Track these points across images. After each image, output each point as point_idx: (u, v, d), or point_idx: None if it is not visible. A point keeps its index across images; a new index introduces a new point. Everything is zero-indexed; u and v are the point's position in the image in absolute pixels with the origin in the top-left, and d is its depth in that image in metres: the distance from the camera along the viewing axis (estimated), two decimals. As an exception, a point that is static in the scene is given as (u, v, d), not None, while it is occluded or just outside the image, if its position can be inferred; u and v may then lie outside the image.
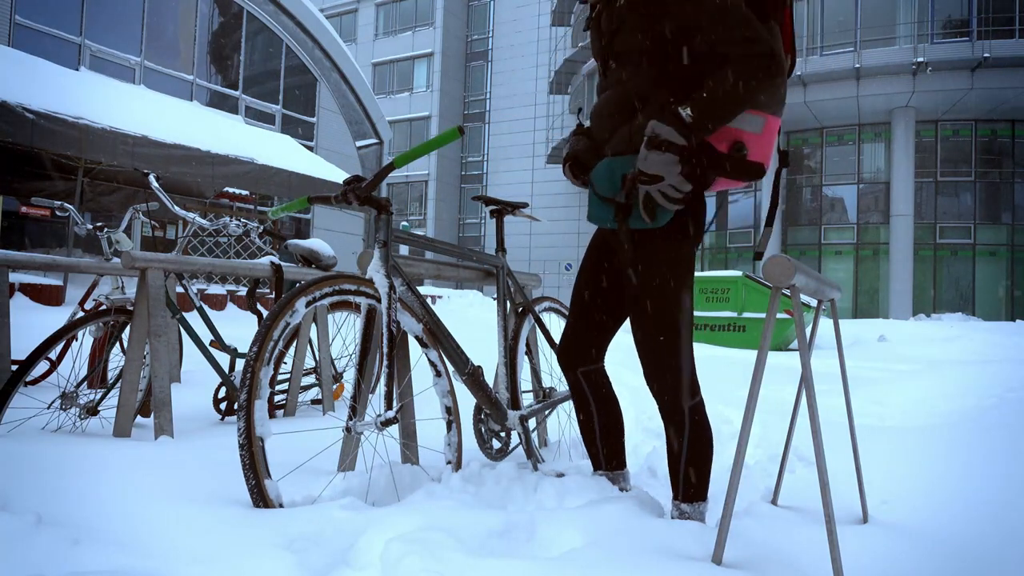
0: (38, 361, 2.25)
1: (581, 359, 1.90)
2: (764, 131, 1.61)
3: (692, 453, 1.69)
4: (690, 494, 1.71)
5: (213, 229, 3.22)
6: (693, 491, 1.71)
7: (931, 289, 21.14)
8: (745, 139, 1.59)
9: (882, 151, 21.83)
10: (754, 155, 1.60)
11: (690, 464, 1.70)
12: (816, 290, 1.59)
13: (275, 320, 1.55)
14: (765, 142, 1.62)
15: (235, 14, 13.52)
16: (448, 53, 34.60)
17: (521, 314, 2.38)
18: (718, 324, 10.00)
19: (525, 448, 2.28)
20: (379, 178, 1.75)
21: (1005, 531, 1.72)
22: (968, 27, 19.40)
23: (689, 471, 1.70)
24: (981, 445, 2.64)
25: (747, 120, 1.59)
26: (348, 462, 1.95)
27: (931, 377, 4.76)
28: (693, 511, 1.70)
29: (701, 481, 1.72)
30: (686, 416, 1.68)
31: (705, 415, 1.73)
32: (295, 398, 3.17)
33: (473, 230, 35.45)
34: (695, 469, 1.70)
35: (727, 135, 1.59)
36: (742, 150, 1.58)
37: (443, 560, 1.21)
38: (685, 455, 1.70)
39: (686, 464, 1.70)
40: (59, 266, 3.11)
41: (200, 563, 1.20)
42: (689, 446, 1.69)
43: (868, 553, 1.58)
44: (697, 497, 1.72)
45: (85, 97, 7.93)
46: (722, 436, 2.89)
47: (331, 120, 15.79)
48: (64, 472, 1.67)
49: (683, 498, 1.71)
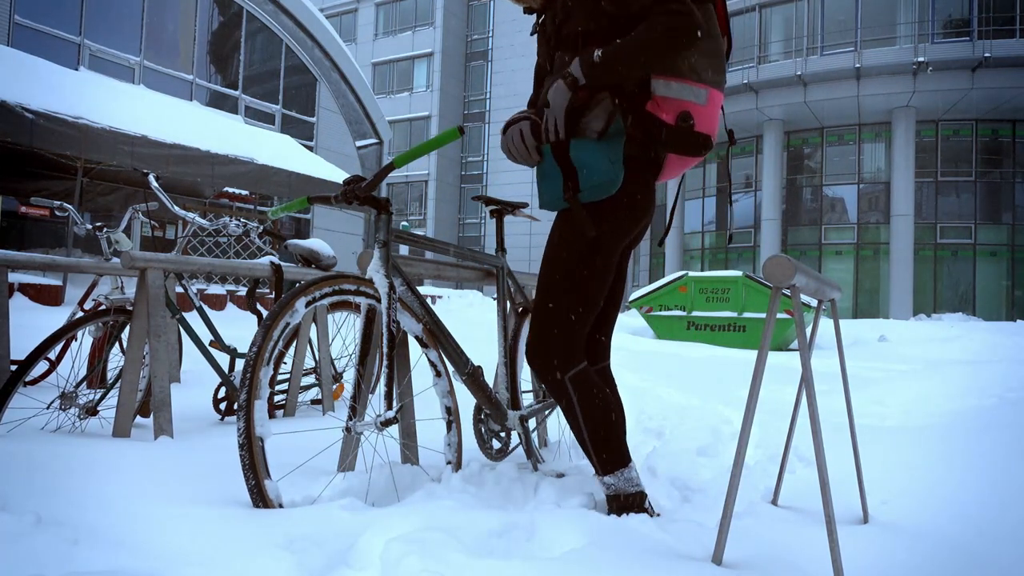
0: (37, 361, 2.25)
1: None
2: (709, 103, 1.66)
3: (588, 421, 1.67)
4: (607, 464, 1.68)
5: (213, 229, 3.22)
6: (607, 460, 1.68)
7: (931, 289, 21.15)
8: (690, 109, 1.63)
9: (882, 151, 21.83)
10: (701, 126, 1.64)
11: (592, 433, 1.67)
12: (816, 290, 1.59)
13: (275, 320, 1.55)
14: (710, 114, 1.66)
15: (235, 14, 13.52)
16: (448, 53, 34.60)
17: (521, 314, 2.38)
18: (718, 324, 10.01)
19: (525, 448, 2.28)
20: (379, 178, 1.75)
21: (1005, 531, 1.72)
22: (968, 27, 19.42)
23: (594, 440, 1.67)
24: (981, 445, 2.64)
25: (691, 91, 1.63)
26: (348, 462, 1.95)
27: (931, 377, 4.75)
28: (618, 480, 1.67)
29: (612, 447, 1.68)
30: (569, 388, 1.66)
31: (591, 379, 1.70)
32: (295, 398, 3.17)
33: (473, 230, 35.46)
34: (598, 436, 1.67)
35: (673, 106, 1.63)
36: (689, 120, 1.62)
37: (443, 560, 1.21)
38: (583, 426, 1.67)
39: (589, 435, 1.67)
40: (59, 266, 3.11)
41: (200, 563, 1.20)
42: (583, 415, 1.67)
43: (868, 553, 1.57)
44: (616, 465, 1.68)
45: (85, 97, 7.93)
46: (722, 436, 2.89)
47: (331, 120, 15.79)
48: (64, 472, 1.67)
49: (603, 471, 1.69)
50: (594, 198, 1.64)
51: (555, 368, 1.66)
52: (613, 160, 1.63)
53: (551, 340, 1.67)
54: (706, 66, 1.65)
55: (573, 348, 1.68)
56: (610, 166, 1.63)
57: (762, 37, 22.30)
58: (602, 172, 1.62)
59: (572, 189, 1.62)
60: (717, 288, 10.18)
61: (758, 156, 23.27)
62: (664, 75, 1.63)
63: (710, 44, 1.66)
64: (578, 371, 1.67)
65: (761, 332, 2.04)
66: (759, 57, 21.98)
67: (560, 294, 1.68)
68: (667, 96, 1.63)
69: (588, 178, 1.62)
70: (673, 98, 1.63)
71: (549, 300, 1.68)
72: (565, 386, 1.66)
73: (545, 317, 1.68)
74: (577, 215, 1.64)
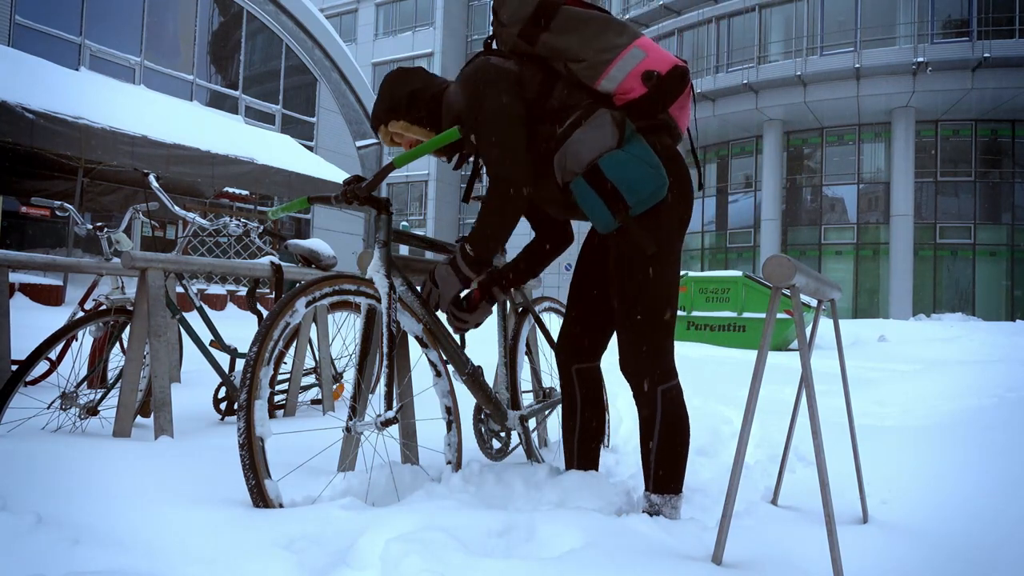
0: (38, 361, 2.25)
1: (577, 355, 1.92)
2: (648, 50, 1.69)
3: (664, 437, 1.67)
4: (662, 483, 1.68)
5: (213, 229, 3.22)
6: (664, 479, 1.68)
7: (931, 289, 21.14)
8: (645, 67, 1.67)
9: (882, 151, 21.83)
10: (660, 67, 1.68)
11: (662, 450, 1.67)
12: (816, 290, 1.59)
13: (275, 320, 1.55)
14: (657, 57, 1.69)
15: (235, 14, 13.52)
16: (448, 53, 34.59)
17: (521, 314, 2.38)
18: (718, 324, 10.00)
19: (525, 448, 2.28)
20: (379, 178, 1.75)
21: (1005, 531, 1.72)
22: (968, 27, 19.40)
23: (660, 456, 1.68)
24: (981, 445, 2.64)
25: (632, 55, 1.67)
26: (348, 462, 1.95)
27: (931, 377, 4.76)
28: (664, 504, 1.67)
29: (674, 470, 1.68)
30: (658, 400, 1.67)
31: (681, 399, 1.71)
32: (295, 398, 3.17)
33: (473, 230, 35.42)
34: (665, 454, 1.68)
35: (632, 78, 1.66)
36: (652, 76, 1.67)
37: (443, 560, 1.21)
38: (656, 439, 1.67)
39: (658, 450, 1.68)
40: (59, 266, 3.11)
41: (200, 563, 1.20)
42: (661, 430, 1.67)
43: (868, 553, 1.57)
44: (670, 488, 1.68)
45: (85, 97, 7.93)
46: (722, 436, 2.89)
47: (331, 120, 15.79)
48: (64, 472, 1.67)
49: (655, 489, 1.69)
50: (647, 208, 1.65)
51: (652, 381, 1.67)
52: (653, 164, 1.63)
53: (645, 354, 1.68)
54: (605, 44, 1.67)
55: (669, 361, 1.70)
56: (653, 171, 1.63)
57: (762, 37, 22.28)
58: (649, 180, 1.62)
59: (623, 210, 1.62)
60: (717, 288, 10.17)
61: (758, 156, 23.26)
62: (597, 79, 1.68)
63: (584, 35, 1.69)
64: (671, 386, 1.69)
65: (761, 332, 2.04)
66: (759, 57, 21.97)
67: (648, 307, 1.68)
68: (620, 81, 1.67)
69: (636, 192, 1.61)
70: (624, 78, 1.67)
71: (637, 313, 1.68)
72: (656, 398, 1.67)
73: (638, 330, 1.68)
74: (634, 235, 1.64)
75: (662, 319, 1.68)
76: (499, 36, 1.82)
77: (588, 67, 1.68)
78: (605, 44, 1.67)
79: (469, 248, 1.78)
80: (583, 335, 1.93)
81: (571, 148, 1.64)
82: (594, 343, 1.94)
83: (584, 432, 1.95)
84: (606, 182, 1.60)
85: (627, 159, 1.62)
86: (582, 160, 1.62)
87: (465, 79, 1.77)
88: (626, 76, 1.67)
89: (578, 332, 1.94)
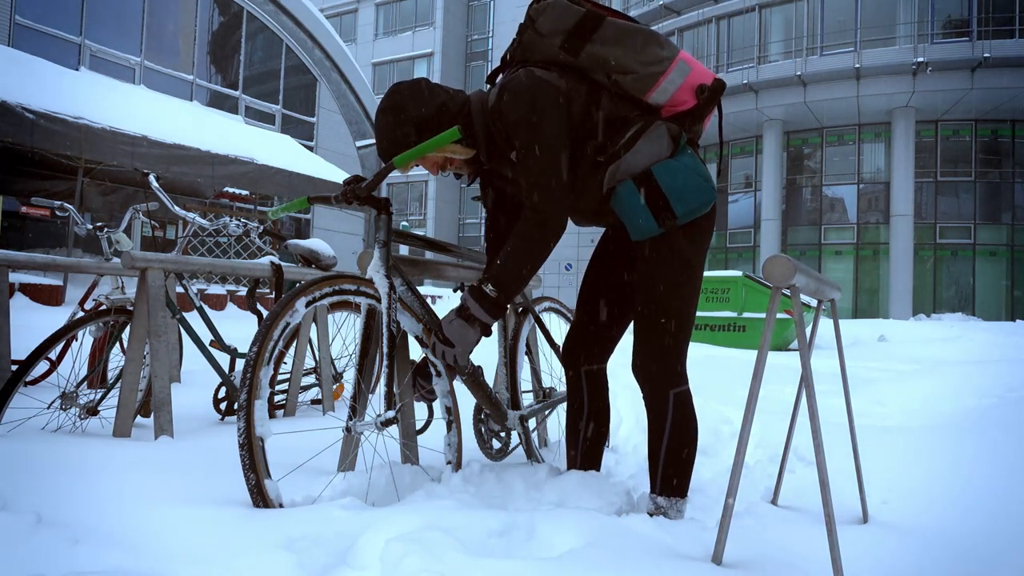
0: (38, 361, 2.25)
1: (585, 357, 1.92)
2: (691, 64, 1.72)
3: (673, 440, 1.69)
4: (668, 484, 1.69)
5: (213, 229, 3.22)
6: (670, 479, 1.69)
7: (931, 289, 21.13)
8: (695, 80, 1.71)
9: (882, 151, 21.82)
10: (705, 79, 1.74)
11: (670, 453, 1.69)
12: (816, 290, 1.59)
13: (275, 320, 1.55)
14: (700, 71, 1.74)
15: (235, 14, 13.51)
16: (448, 53, 34.59)
17: (521, 314, 2.38)
18: (718, 324, 10.00)
19: (525, 448, 2.28)
20: (379, 178, 1.75)
21: (1005, 531, 1.72)
22: (968, 27, 19.40)
23: (668, 459, 1.69)
24: (981, 445, 2.64)
25: (679, 68, 1.70)
26: (348, 462, 1.95)
27: (931, 377, 4.75)
28: (669, 506, 1.68)
29: (681, 473, 1.70)
30: (670, 403, 1.69)
31: (691, 404, 1.73)
32: (295, 398, 3.17)
33: (473, 230, 35.43)
34: (673, 457, 1.69)
35: (684, 91, 1.70)
36: (704, 91, 1.71)
37: (443, 560, 1.21)
38: (665, 441, 1.69)
39: (666, 452, 1.69)
40: (59, 266, 3.12)
41: (200, 563, 1.20)
42: (670, 433, 1.69)
43: (868, 553, 1.57)
44: (676, 491, 1.69)
45: (85, 97, 7.93)
46: (722, 436, 2.89)
47: (331, 120, 15.79)
48: (64, 472, 1.67)
49: (661, 490, 1.69)
50: (693, 218, 1.68)
51: (666, 385, 1.69)
52: (706, 177, 1.67)
53: (664, 358, 1.70)
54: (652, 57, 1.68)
55: (683, 366, 1.72)
56: (705, 183, 1.67)
57: (762, 37, 22.28)
58: (700, 192, 1.66)
59: (670, 218, 1.64)
60: (717, 288, 10.17)
61: (758, 156, 23.25)
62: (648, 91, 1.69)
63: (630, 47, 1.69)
64: (683, 390, 1.71)
65: (761, 332, 2.04)
66: (759, 57, 21.97)
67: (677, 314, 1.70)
68: (672, 93, 1.70)
69: (687, 202, 1.64)
70: (676, 91, 1.70)
71: (663, 318, 1.69)
72: (667, 401, 1.69)
73: (662, 335, 1.70)
74: (678, 243, 1.67)
75: (689, 325, 1.71)
76: (533, 45, 1.75)
77: (638, 79, 1.69)
78: (652, 57, 1.68)
79: (491, 289, 1.63)
80: (594, 338, 1.94)
81: (629, 158, 1.66)
82: (603, 347, 1.95)
83: (589, 434, 1.95)
84: (657, 188, 1.63)
85: (679, 168, 1.65)
86: (635, 169, 1.65)
87: (518, 94, 1.65)
88: (678, 89, 1.70)
89: (589, 335, 1.94)
